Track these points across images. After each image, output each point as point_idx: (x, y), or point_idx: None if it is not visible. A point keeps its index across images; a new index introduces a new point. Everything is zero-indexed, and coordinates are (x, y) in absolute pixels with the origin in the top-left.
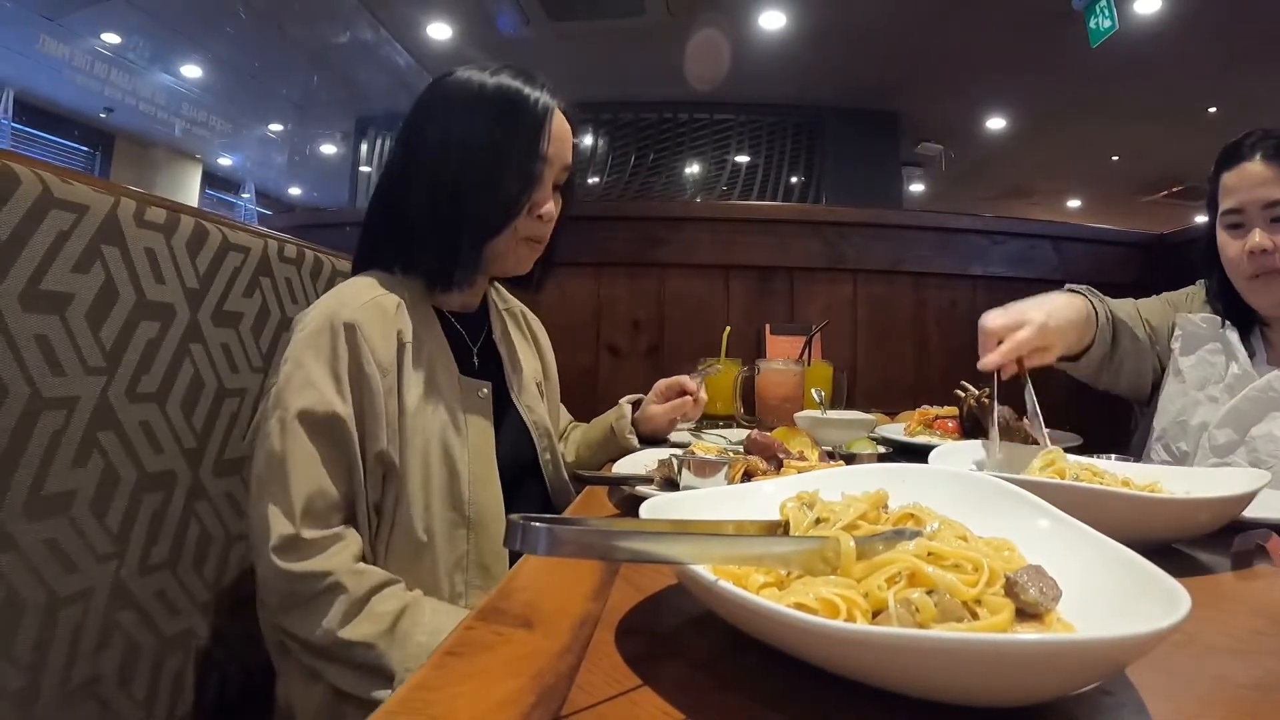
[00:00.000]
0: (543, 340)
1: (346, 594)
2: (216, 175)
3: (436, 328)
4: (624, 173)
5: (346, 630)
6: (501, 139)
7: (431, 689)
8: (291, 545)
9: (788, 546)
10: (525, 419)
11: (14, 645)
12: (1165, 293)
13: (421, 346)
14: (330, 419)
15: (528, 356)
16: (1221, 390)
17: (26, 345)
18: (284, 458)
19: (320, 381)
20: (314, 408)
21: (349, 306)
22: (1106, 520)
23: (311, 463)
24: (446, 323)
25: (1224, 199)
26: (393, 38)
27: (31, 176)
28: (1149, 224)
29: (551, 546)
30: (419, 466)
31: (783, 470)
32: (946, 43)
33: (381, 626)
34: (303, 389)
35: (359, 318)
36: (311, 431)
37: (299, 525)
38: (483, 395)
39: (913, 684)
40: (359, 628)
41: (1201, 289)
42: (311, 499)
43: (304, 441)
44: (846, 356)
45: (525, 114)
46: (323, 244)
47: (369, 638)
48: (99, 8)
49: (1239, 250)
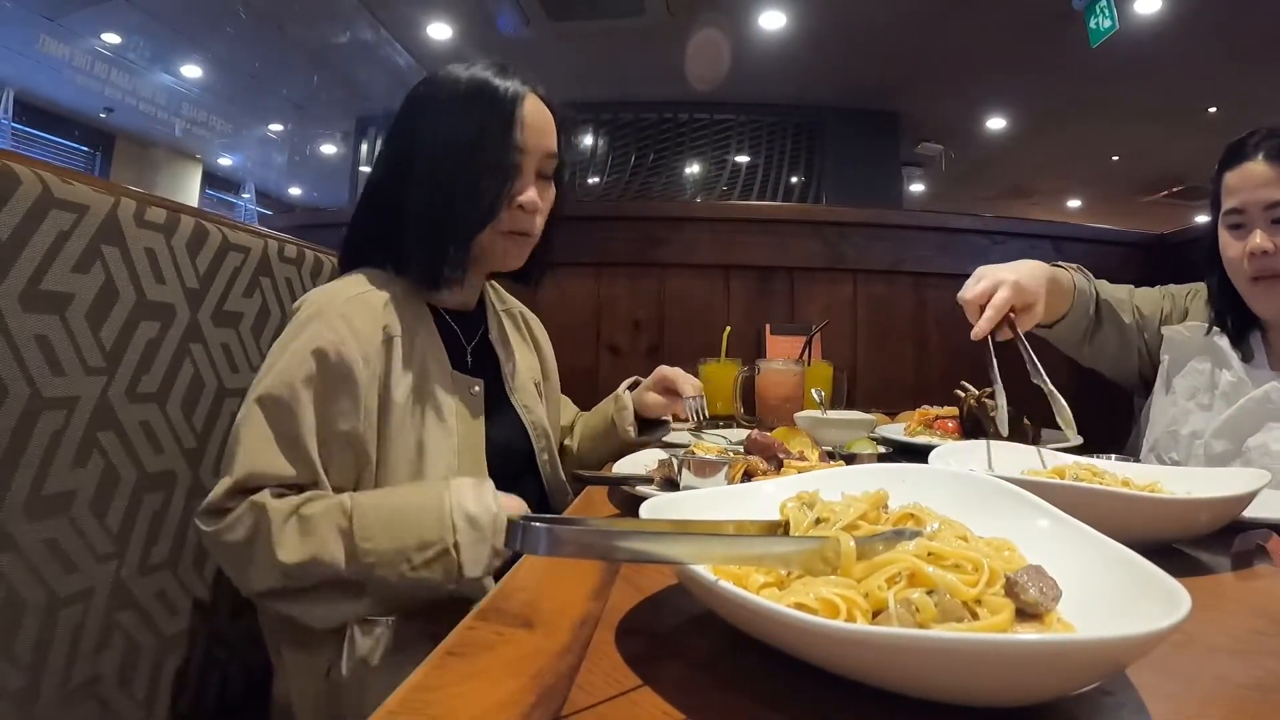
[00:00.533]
0: (542, 341)
1: (268, 525)
2: (216, 175)
3: (430, 324)
4: (624, 173)
5: (284, 553)
6: (473, 132)
7: (431, 689)
8: (212, 510)
9: (788, 546)
10: (523, 418)
11: (14, 645)
12: (1172, 285)
13: (412, 341)
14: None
15: (525, 356)
16: (1216, 397)
17: (26, 345)
18: (236, 434)
19: (294, 376)
20: (280, 398)
21: (337, 298)
22: (1106, 520)
23: (264, 441)
24: (441, 319)
25: (1226, 198)
26: (393, 38)
27: (31, 176)
28: (1149, 224)
29: (551, 546)
30: (403, 461)
31: (783, 470)
32: (946, 43)
33: (314, 536)
34: (275, 376)
35: (346, 310)
36: (271, 419)
37: (226, 494)
38: (474, 392)
39: (913, 684)
40: (294, 548)
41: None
42: (253, 474)
43: (262, 426)
44: (846, 356)
45: (494, 104)
46: (323, 244)
47: (310, 552)
48: (99, 8)
49: (1239, 251)
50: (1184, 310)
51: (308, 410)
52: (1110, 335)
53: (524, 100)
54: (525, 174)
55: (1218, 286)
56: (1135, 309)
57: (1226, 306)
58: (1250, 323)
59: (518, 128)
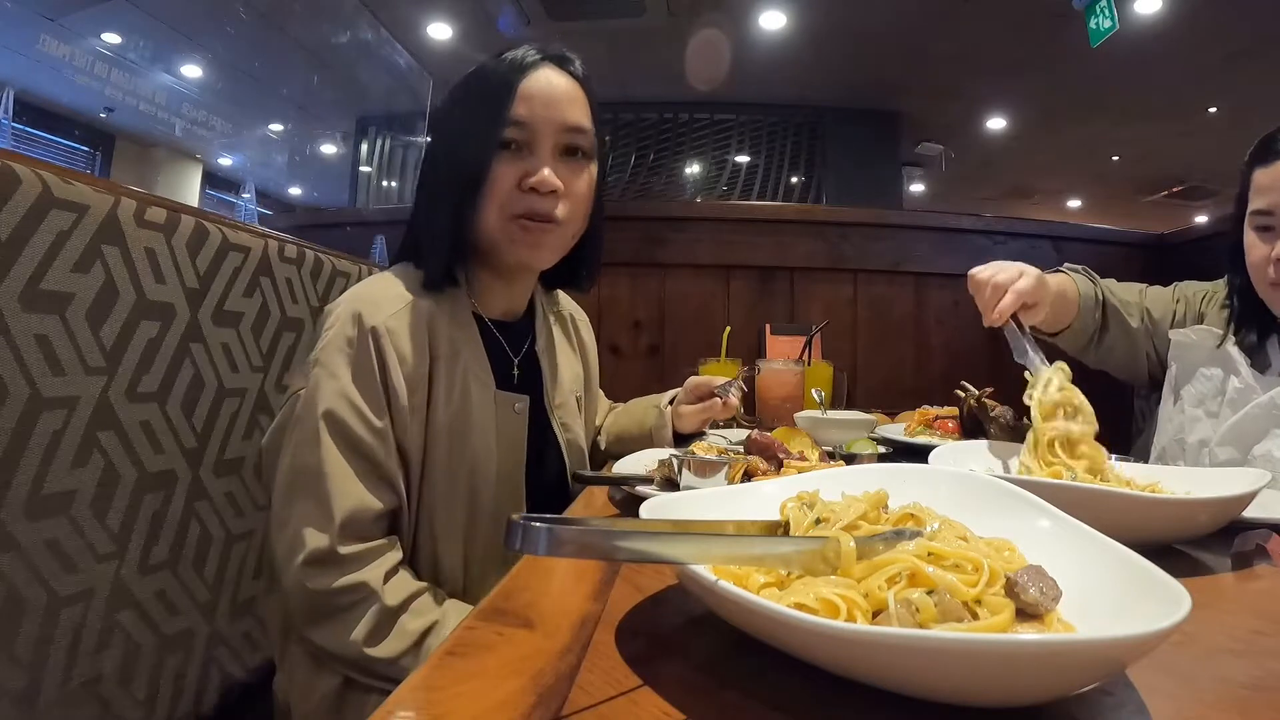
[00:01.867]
0: (589, 343)
1: (377, 609)
2: (217, 175)
3: (475, 337)
4: (624, 173)
5: (374, 649)
6: (469, 111)
7: (432, 689)
8: (324, 560)
9: (788, 547)
10: (560, 438)
11: (15, 645)
12: (1185, 284)
13: (457, 358)
14: (367, 432)
15: (570, 366)
16: (1223, 405)
17: (26, 345)
18: (319, 469)
19: (353, 393)
20: (348, 420)
21: (381, 310)
22: (1106, 520)
23: (348, 477)
24: (486, 331)
25: (1254, 197)
26: (393, 38)
27: (32, 176)
28: (1149, 224)
29: (552, 546)
30: (447, 481)
31: (783, 470)
32: (946, 43)
33: (407, 644)
34: (336, 399)
35: (391, 325)
36: (345, 444)
37: (335, 540)
38: (518, 410)
39: (913, 684)
40: (387, 645)
41: (1220, 289)
42: (353, 514)
43: (337, 454)
44: (846, 356)
45: (491, 78)
46: (323, 244)
47: (394, 654)
48: (99, 8)
49: (1264, 254)
50: (1199, 314)
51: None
52: (1117, 339)
53: (530, 70)
54: (538, 150)
55: (1238, 287)
56: (1145, 311)
57: (1247, 308)
58: (1270, 326)
59: (512, 98)
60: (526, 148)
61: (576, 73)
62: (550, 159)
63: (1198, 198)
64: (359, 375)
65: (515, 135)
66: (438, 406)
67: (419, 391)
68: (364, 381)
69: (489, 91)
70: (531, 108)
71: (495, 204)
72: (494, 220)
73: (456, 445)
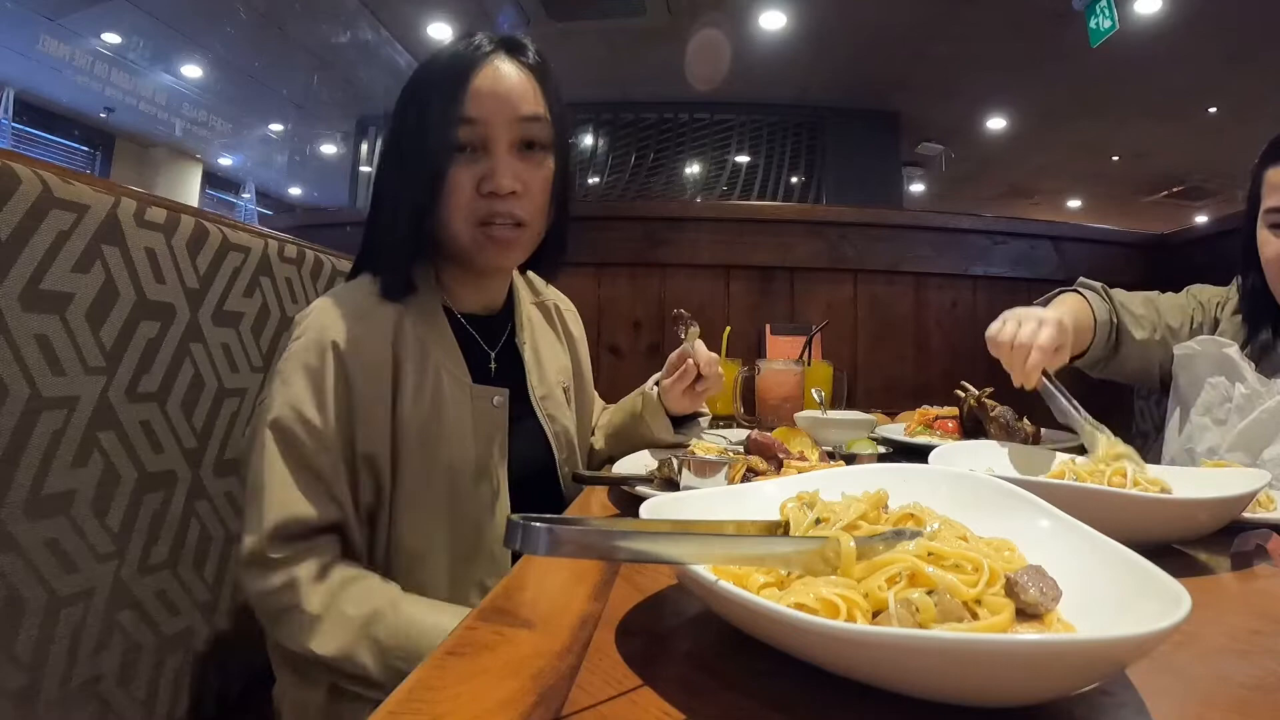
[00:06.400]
0: (576, 334)
1: (313, 599)
2: (217, 175)
3: (446, 333)
4: (624, 173)
5: (317, 642)
6: (420, 114)
7: (432, 689)
8: (258, 562)
9: (788, 547)
10: (546, 429)
11: (15, 645)
12: (1198, 287)
13: (427, 357)
14: (312, 444)
15: (555, 357)
16: (1231, 412)
17: (26, 345)
18: (260, 475)
19: (303, 404)
20: (295, 430)
21: (339, 323)
22: (1106, 520)
23: (285, 485)
24: (459, 326)
25: (1267, 196)
26: (393, 38)
27: (31, 176)
28: (1149, 224)
29: (551, 546)
30: (422, 481)
31: (783, 470)
32: (947, 43)
33: (350, 633)
34: (284, 409)
35: (349, 336)
36: (287, 451)
37: (265, 545)
38: (497, 404)
39: (913, 684)
40: (330, 637)
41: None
42: (284, 523)
43: (278, 462)
44: (846, 356)
45: (441, 75)
46: (323, 244)
47: (341, 646)
48: (99, 8)
49: (1278, 252)
50: (1214, 320)
51: (321, 438)
52: (1130, 355)
53: (480, 65)
54: (493, 149)
55: (1253, 287)
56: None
57: (1259, 308)
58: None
59: (466, 96)
60: (482, 148)
61: (529, 60)
62: (507, 156)
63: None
64: (313, 387)
65: (468, 136)
66: (405, 408)
67: (383, 399)
68: (318, 395)
69: (439, 90)
70: (482, 104)
71: (459, 213)
72: (459, 228)
73: (430, 444)
